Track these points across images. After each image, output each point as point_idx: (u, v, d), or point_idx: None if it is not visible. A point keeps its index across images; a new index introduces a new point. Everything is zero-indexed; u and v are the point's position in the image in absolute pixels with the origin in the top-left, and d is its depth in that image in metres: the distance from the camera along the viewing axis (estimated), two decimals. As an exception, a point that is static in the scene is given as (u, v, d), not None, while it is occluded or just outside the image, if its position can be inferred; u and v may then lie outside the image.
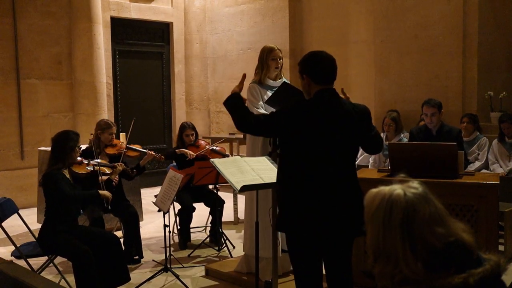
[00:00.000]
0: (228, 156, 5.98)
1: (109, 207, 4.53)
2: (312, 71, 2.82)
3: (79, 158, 4.40)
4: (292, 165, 2.82)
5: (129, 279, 4.18)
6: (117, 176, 4.95)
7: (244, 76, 3.21)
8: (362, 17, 7.80)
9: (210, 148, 5.84)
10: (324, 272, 2.99)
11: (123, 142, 5.40)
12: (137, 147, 5.47)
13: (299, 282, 2.93)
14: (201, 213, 6.11)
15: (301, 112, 2.80)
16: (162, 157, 5.59)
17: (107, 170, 4.80)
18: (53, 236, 3.92)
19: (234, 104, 2.99)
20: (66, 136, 4.12)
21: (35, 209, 6.56)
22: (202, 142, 5.97)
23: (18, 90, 7.67)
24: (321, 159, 2.76)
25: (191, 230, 5.69)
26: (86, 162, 4.57)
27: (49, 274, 4.48)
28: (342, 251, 2.91)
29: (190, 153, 5.65)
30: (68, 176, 4.11)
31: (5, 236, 3.98)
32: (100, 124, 5.24)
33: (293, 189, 2.81)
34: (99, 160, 4.81)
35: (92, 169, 4.55)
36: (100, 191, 4.29)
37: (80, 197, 4.15)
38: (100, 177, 4.59)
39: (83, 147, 4.90)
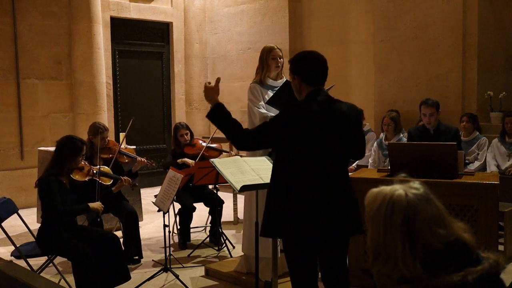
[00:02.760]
0: (226, 151, 5.96)
1: (99, 220, 4.38)
2: (303, 73, 2.83)
3: (83, 162, 4.37)
4: (287, 166, 2.81)
5: (129, 278, 4.17)
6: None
7: (218, 79, 3.03)
8: (362, 17, 7.80)
9: (206, 145, 5.78)
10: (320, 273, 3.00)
11: (116, 145, 5.37)
12: (130, 152, 5.45)
13: (295, 283, 2.93)
14: (201, 213, 6.11)
15: (294, 115, 2.79)
16: (154, 164, 5.58)
17: (107, 182, 4.66)
18: (52, 236, 3.92)
19: (222, 118, 2.85)
20: (71, 144, 4.08)
21: (34, 209, 6.56)
22: (198, 141, 5.91)
23: (18, 90, 7.67)
24: (315, 160, 2.76)
25: (191, 230, 5.69)
26: (89, 168, 4.46)
27: (49, 274, 4.48)
28: (337, 251, 2.92)
29: (191, 162, 5.60)
30: (65, 181, 4.08)
31: (5, 236, 3.98)
32: (92, 129, 5.17)
33: (288, 190, 2.79)
34: (102, 169, 4.70)
35: (91, 178, 4.46)
36: (90, 204, 4.12)
37: (70, 212, 4.02)
38: (97, 189, 4.43)
39: None
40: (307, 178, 2.77)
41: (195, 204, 5.60)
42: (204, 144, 5.82)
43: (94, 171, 4.50)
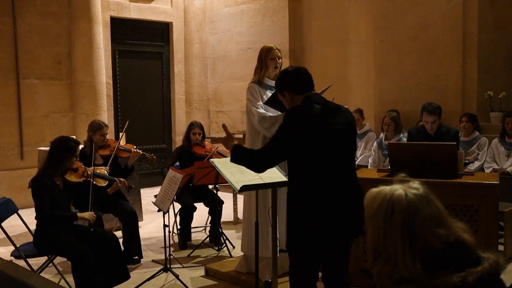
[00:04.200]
0: None
1: (92, 229, 4.16)
2: (289, 84, 2.90)
3: (78, 163, 4.35)
4: (302, 170, 2.80)
5: (128, 277, 4.17)
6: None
7: (224, 126, 3.25)
8: (362, 17, 7.80)
9: (217, 150, 5.80)
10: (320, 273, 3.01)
11: (116, 142, 5.37)
12: (130, 147, 5.44)
13: (296, 283, 2.93)
14: (201, 213, 6.11)
15: (301, 119, 2.78)
16: (154, 157, 5.57)
17: (102, 183, 4.61)
18: (49, 237, 3.91)
19: (241, 158, 2.97)
20: (65, 145, 4.07)
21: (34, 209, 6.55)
22: (209, 144, 5.94)
23: (18, 90, 7.66)
24: (331, 161, 2.77)
25: (191, 230, 5.69)
26: (83, 169, 4.39)
27: (49, 274, 4.48)
28: (342, 252, 2.94)
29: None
30: (59, 182, 4.07)
31: (5, 236, 3.98)
32: (91, 126, 5.19)
33: (307, 194, 2.78)
34: (97, 171, 4.67)
35: (85, 179, 4.41)
36: (79, 214, 4.07)
37: (55, 217, 3.97)
38: (91, 190, 4.34)
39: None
40: (322, 181, 2.77)
41: (195, 204, 5.60)
42: (214, 148, 5.82)
43: (89, 172, 4.41)
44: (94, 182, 4.41)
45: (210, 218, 5.78)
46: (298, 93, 2.87)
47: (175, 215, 5.85)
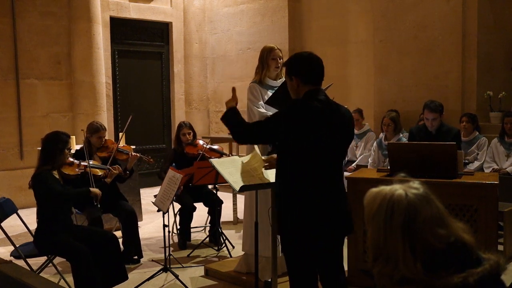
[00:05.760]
0: (226, 154, 5.95)
1: (98, 205, 4.43)
2: (301, 72, 2.80)
3: (71, 159, 4.38)
4: (290, 165, 2.79)
5: (126, 278, 4.17)
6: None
7: (234, 89, 3.16)
8: (362, 17, 7.80)
9: (208, 147, 5.78)
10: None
11: (114, 144, 5.37)
12: (128, 149, 5.44)
13: (296, 284, 2.93)
14: (200, 213, 6.11)
15: (297, 112, 2.76)
16: (151, 160, 5.58)
17: (99, 172, 4.73)
18: (49, 237, 3.91)
19: (233, 118, 2.94)
20: (56, 138, 4.09)
21: (34, 209, 6.50)
22: (200, 142, 5.91)
23: (17, 90, 7.66)
24: (317, 157, 2.76)
25: (191, 230, 5.69)
26: (78, 163, 4.52)
27: (49, 274, 4.48)
28: (337, 251, 2.96)
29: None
30: (58, 177, 4.09)
31: (5, 236, 3.98)
32: (89, 127, 5.23)
33: (298, 191, 2.78)
34: (91, 162, 4.76)
35: (82, 170, 4.50)
36: (91, 189, 4.24)
37: (71, 195, 4.10)
38: (91, 179, 4.52)
39: (78, 147, 4.83)
40: (312, 178, 2.76)
41: (194, 204, 5.60)
42: (205, 145, 5.80)
43: (84, 164, 4.55)
44: (92, 173, 4.53)
45: (209, 218, 5.78)
46: (306, 82, 2.79)
47: (175, 215, 5.85)
